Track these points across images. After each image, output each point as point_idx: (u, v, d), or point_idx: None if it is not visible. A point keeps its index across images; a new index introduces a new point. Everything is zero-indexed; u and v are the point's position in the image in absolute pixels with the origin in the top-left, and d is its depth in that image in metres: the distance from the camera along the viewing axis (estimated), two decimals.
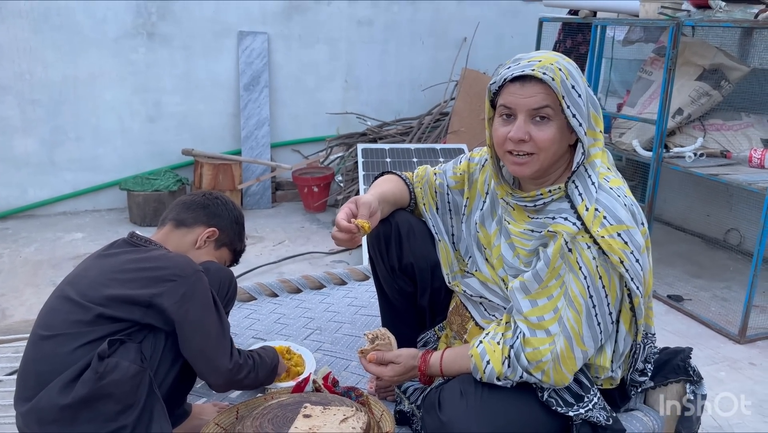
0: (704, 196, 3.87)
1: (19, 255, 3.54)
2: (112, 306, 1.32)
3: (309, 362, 1.81)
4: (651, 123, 3.16)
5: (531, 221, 1.36)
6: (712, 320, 2.90)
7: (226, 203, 1.64)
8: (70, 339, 1.30)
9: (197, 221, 1.57)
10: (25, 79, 3.97)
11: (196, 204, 1.59)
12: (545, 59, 1.26)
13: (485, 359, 1.30)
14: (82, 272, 1.42)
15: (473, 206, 1.56)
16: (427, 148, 4.16)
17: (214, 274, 1.51)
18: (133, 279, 1.36)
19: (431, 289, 1.64)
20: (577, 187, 1.29)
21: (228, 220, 1.62)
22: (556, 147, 1.29)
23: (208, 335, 1.38)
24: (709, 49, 3.28)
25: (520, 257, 1.38)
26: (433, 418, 1.29)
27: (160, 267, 1.38)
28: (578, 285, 1.24)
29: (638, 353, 1.38)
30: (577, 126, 1.26)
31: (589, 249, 1.23)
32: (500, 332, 1.33)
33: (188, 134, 4.39)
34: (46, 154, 4.12)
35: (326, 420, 1.37)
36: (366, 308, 2.21)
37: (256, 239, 3.91)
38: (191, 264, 1.42)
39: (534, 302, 1.29)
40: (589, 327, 1.26)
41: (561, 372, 1.26)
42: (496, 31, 4.97)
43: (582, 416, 1.29)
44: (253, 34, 4.41)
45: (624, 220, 1.24)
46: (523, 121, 1.27)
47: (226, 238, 1.62)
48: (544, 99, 1.25)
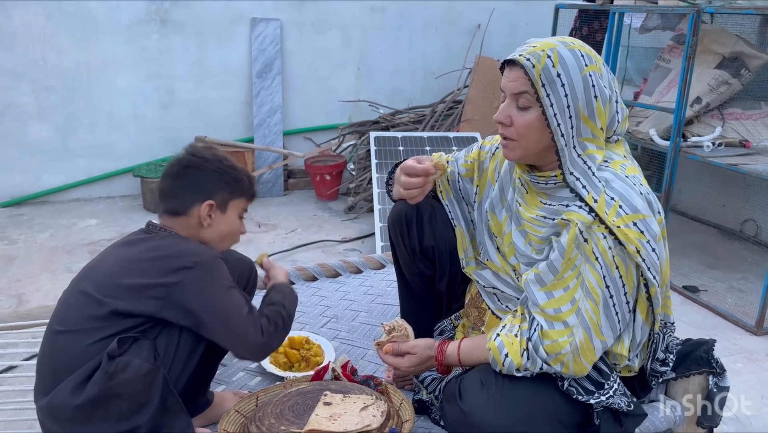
0: (720, 186, 3.83)
1: (35, 241, 3.56)
2: (128, 299, 1.29)
3: (328, 352, 1.81)
4: (669, 112, 3.12)
5: (544, 207, 1.34)
6: (729, 312, 2.87)
7: (201, 162, 1.44)
8: (85, 335, 1.28)
9: (186, 203, 1.42)
10: (39, 65, 3.97)
11: (175, 186, 1.43)
12: (541, 45, 1.25)
13: (503, 352, 1.29)
14: (98, 263, 1.40)
15: (483, 194, 1.56)
16: (440, 136, 4.13)
17: (234, 265, 1.46)
18: (150, 268, 1.32)
19: (449, 273, 1.64)
20: (579, 179, 1.26)
21: (213, 179, 1.43)
22: (538, 135, 1.27)
23: (233, 317, 1.34)
24: (728, 36, 3.24)
25: (532, 244, 1.36)
26: (454, 408, 1.28)
27: (177, 254, 1.34)
28: (595, 275, 1.23)
29: (657, 342, 1.37)
30: (551, 115, 1.23)
31: (605, 239, 1.21)
32: (517, 324, 1.31)
33: (201, 121, 4.39)
34: (60, 141, 4.13)
35: (347, 408, 1.37)
36: (382, 297, 2.21)
37: (268, 226, 3.91)
38: (208, 249, 1.38)
39: (550, 294, 1.27)
40: (607, 317, 1.24)
41: (580, 363, 1.26)
42: (510, 18, 4.92)
43: (603, 403, 1.28)
44: (266, 21, 4.39)
45: (640, 209, 1.22)
46: (506, 105, 1.29)
47: (225, 195, 1.45)
48: (523, 84, 1.25)
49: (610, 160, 1.30)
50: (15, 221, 3.86)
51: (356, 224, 3.98)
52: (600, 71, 1.26)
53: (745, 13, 3.10)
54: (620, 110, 1.32)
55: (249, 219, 4.01)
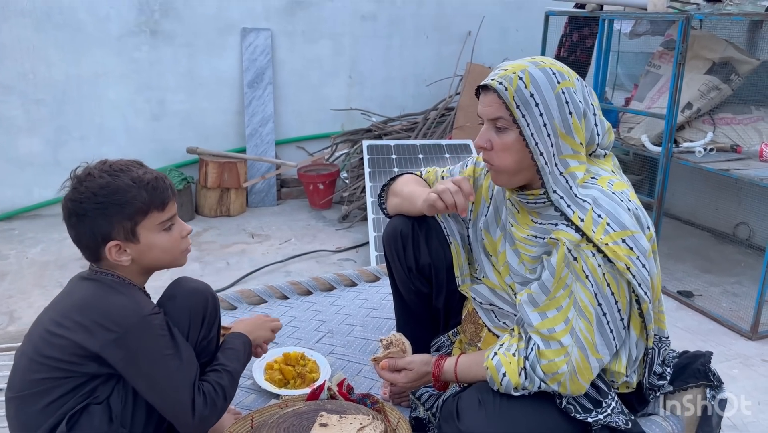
0: (713, 190, 3.84)
1: (26, 256, 3.53)
2: (65, 358, 1.19)
3: (324, 368, 1.80)
4: (660, 118, 3.13)
5: (535, 226, 1.34)
6: (723, 316, 2.88)
7: (78, 206, 1.23)
8: (34, 398, 1.20)
9: (92, 251, 1.25)
10: (28, 78, 3.94)
11: (73, 235, 1.26)
12: (512, 67, 1.26)
13: (501, 371, 1.28)
14: (37, 321, 1.28)
15: (478, 211, 1.55)
16: (432, 144, 4.13)
17: (182, 301, 1.31)
18: (79, 324, 1.19)
19: (447, 290, 1.63)
20: (562, 198, 1.27)
21: (100, 218, 1.22)
22: (517, 157, 1.28)
23: (162, 392, 1.22)
24: (718, 42, 3.25)
25: (525, 264, 1.37)
26: (452, 427, 1.27)
27: (102, 315, 1.19)
28: (586, 294, 1.23)
29: (653, 357, 1.37)
30: (528, 136, 1.24)
31: (594, 257, 1.22)
32: (514, 343, 1.31)
33: (192, 132, 4.36)
34: (51, 154, 4.10)
35: (343, 429, 1.36)
36: (377, 310, 2.20)
37: (262, 237, 3.89)
38: (137, 309, 1.21)
39: (543, 315, 1.28)
40: (601, 335, 1.24)
41: (577, 382, 1.25)
42: (500, 25, 4.93)
43: (601, 422, 1.28)
44: (257, 31, 4.38)
45: (628, 225, 1.22)
46: (485, 129, 1.30)
47: (125, 224, 1.23)
48: (497, 109, 1.27)
49: (597, 176, 1.30)
50: (6, 235, 3.83)
51: (350, 233, 3.97)
52: (573, 86, 1.27)
53: (734, 19, 3.12)
54: (599, 123, 1.32)
55: (242, 230, 3.99)
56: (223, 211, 4.26)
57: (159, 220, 1.27)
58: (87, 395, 1.21)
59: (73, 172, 1.28)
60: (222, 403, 1.30)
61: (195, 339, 1.32)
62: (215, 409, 1.28)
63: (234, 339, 1.44)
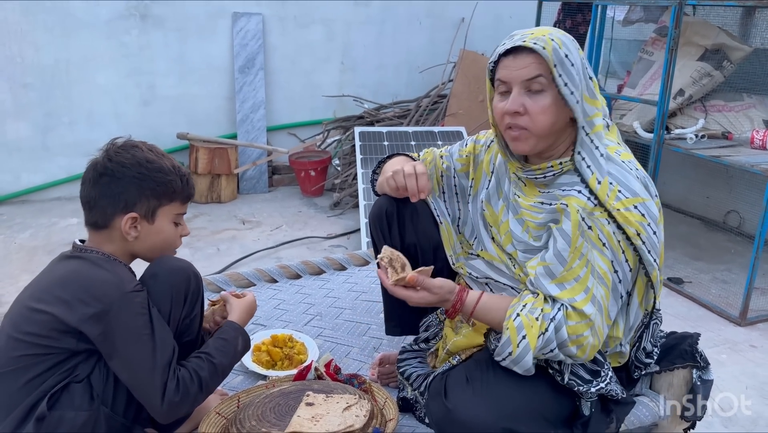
0: (704, 177, 3.85)
1: (14, 241, 3.50)
2: (44, 334, 1.18)
3: (311, 349, 1.79)
4: (652, 104, 3.13)
5: (541, 195, 1.34)
6: (713, 303, 2.89)
7: (118, 168, 1.27)
8: (13, 376, 1.19)
9: (106, 216, 1.27)
10: (16, 62, 3.89)
11: (92, 196, 1.28)
12: (538, 32, 1.27)
13: (521, 333, 1.23)
14: (17, 300, 1.28)
15: (479, 186, 1.54)
16: (425, 131, 4.12)
17: (164, 279, 1.29)
18: (59, 299, 1.19)
19: (433, 270, 1.62)
20: (584, 159, 1.27)
21: (133, 187, 1.27)
22: (552, 119, 1.27)
23: (134, 372, 1.19)
24: (710, 29, 3.24)
25: (530, 230, 1.35)
26: (439, 405, 1.27)
27: (83, 289, 1.19)
28: (605, 261, 1.23)
29: (648, 328, 1.38)
30: (568, 94, 1.24)
31: (609, 224, 1.23)
32: (539, 307, 1.25)
33: (183, 118, 4.33)
34: (39, 139, 4.06)
35: (329, 408, 1.35)
36: (366, 294, 2.19)
37: (253, 223, 3.88)
38: (119, 285, 1.21)
39: (562, 286, 1.25)
40: (615, 301, 1.26)
41: (595, 348, 1.25)
42: (494, 11, 4.90)
43: (603, 391, 1.28)
44: (248, 15, 4.33)
45: (639, 192, 1.24)
46: (517, 93, 1.26)
47: (151, 203, 1.29)
48: (537, 68, 1.24)
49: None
50: None
51: (342, 220, 3.95)
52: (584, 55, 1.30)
53: (727, 5, 3.11)
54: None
55: (233, 216, 3.97)
56: (214, 198, 4.23)
57: (177, 210, 1.34)
58: (67, 373, 1.20)
59: (113, 140, 1.33)
60: (196, 392, 1.23)
61: (177, 318, 1.30)
62: (187, 397, 1.22)
63: (229, 330, 1.37)
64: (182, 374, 1.23)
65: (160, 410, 1.20)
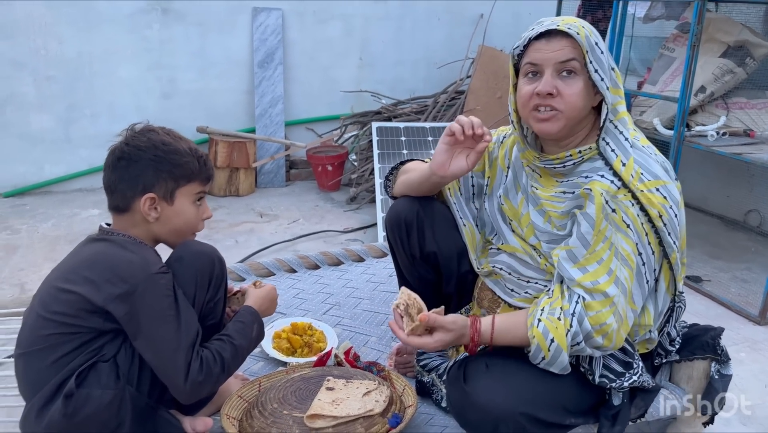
0: (724, 176, 3.81)
1: (37, 231, 3.56)
2: (71, 313, 1.21)
3: (331, 338, 1.81)
4: (673, 101, 3.10)
5: (561, 184, 1.34)
6: (732, 301, 2.86)
7: (134, 151, 1.29)
8: (41, 355, 1.22)
9: (126, 198, 1.29)
10: (40, 55, 3.96)
11: (112, 180, 1.31)
12: (569, 19, 1.28)
13: (549, 337, 1.22)
14: (45, 280, 1.31)
15: (495, 183, 1.54)
16: (442, 127, 4.11)
17: (189, 263, 1.31)
18: (86, 279, 1.22)
19: (458, 275, 1.59)
20: (609, 143, 1.28)
21: (150, 169, 1.29)
22: (582, 104, 1.27)
23: (158, 352, 1.22)
24: (733, 25, 3.21)
25: (552, 220, 1.35)
26: (458, 389, 1.28)
27: (108, 270, 1.22)
28: (629, 243, 1.24)
29: (674, 313, 1.38)
30: (599, 80, 1.25)
31: (633, 207, 1.23)
32: (557, 307, 1.25)
33: (202, 112, 4.37)
34: (62, 131, 4.12)
35: (349, 393, 1.37)
36: (384, 285, 2.21)
37: (270, 216, 3.90)
38: (145, 266, 1.24)
39: (584, 269, 1.25)
40: (639, 285, 1.26)
41: (620, 335, 1.24)
42: (513, 8, 4.88)
43: (636, 383, 1.29)
44: (268, 11, 4.36)
45: (660, 175, 1.25)
46: (550, 76, 1.27)
47: (169, 184, 1.31)
48: (571, 52, 1.25)
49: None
50: (18, 210, 3.86)
51: (358, 215, 3.97)
52: None
53: (750, 2, 3.08)
54: None
55: (251, 210, 4.01)
56: (232, 191, 4.27)
57: (197, 190, 1.36)
58: (94, 353, 1.22)
59: (131, 126, 1.36)
60: (218, 372, 1.26)
61: (201, 301, 1.33)
62: (210, 377, 1.24)
63: (246, 314, 1.40)
64: (205, 354, 1.26)
65: (184, 390, 1.23)
